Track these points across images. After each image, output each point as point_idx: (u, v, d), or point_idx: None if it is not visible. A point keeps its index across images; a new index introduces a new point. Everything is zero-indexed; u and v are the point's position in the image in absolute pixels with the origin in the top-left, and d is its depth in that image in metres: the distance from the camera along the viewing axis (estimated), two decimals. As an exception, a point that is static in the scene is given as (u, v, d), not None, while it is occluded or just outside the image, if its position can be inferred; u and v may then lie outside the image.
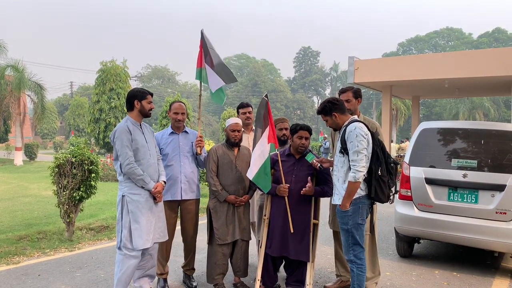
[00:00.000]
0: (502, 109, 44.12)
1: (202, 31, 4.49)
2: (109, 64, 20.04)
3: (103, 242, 6.31)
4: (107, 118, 19.41)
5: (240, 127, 4.29)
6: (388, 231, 7.08)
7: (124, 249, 3.75)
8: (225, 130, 4.34)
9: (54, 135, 47.99)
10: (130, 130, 3.80)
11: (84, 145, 6.53)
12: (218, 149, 4.28)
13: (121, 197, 3.80)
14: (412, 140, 5.67)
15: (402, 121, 35.12)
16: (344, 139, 3.59)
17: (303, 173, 4.08)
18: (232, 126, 4.26)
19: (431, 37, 61.23)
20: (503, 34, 54.35)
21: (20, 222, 8.01)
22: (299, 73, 70.65)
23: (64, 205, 6.20)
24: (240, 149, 4.35)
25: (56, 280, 4.64)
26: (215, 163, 4.24)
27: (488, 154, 5.08)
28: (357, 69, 13.82)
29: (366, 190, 3.61)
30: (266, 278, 4.20)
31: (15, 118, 25.13)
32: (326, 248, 5.95)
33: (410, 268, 5.28)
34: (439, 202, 5.16)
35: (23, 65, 23.99)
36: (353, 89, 4.30)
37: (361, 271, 3.64)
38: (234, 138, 4.24)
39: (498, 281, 4.86)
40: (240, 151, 4.34)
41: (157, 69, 68.98)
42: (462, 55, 14.23)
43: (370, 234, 4.20)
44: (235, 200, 4.20)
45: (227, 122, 4.34)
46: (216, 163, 4.24)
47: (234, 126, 4.26)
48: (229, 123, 4.30)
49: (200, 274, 4.78)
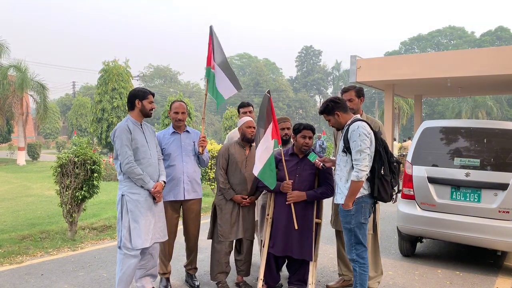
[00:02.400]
0: (505, 107, 44.04)
1: (211, 27, 4.39)
2: (111, 64, 20.08)
3: (106, 242, 6.32)
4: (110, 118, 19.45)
5: (253, 123, 4.32)
6: (391, 230, 7.07)
7: (124, 249, 3.77)
8: (240, 128, 4.32)
9: (56, 135, 48.15)
10: (130, 129, 3.80)
11: (86, 144, 6.54)
12: (230, 147, 4.29)
13: (121, 196, 3.81)
14: (414, 139, 5.65)
15: (405, 120, 35.06)
16: (347, 138, 3.58)
17: (306, 172, 4.08)
18: (248, 123, 4.30)
19: (434, 36, 61.06)
20: (506, 33, 54.18)
21: (23, 221, 8.03)
22: (301, 72, 70.56)
23: (67, 205, 6.22)
24: (251, 149, 4.36)
25: (59, 280, 4.65)
26: (226, 160, 4.25)
27: (491, 153, 5.07)
28: (359, 68, 13.78)
29: (369, 189, 3.61)
30: (268, 277, 4.20)
31: (18, 118, 25.23)
32: (328, 247, 5.94)
33: (413, 267, 5.27)
34: (441, 201, 5.15)
35: (26, 65, 24.12)
36: (356, 88, 4.28)
37: (363, 270, 3.64)
38: (251, 134, 4.27)
39: (501, 280, 4.85)
40: (250, 151, 4.34)
41: (159, 68, 69.01)
42: (464, 54, 14.17)
43: (373, 233, 4.20)
44: (241, 200, 4.20)
45: (241, 121, 4.34)
46: (226, 161, 4.25)
47: (249, 122, 4.31)
48: (244, 121, 4.32)
49: (203, 273, 4.78)
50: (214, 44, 4.37)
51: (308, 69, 70.07)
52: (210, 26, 4.41)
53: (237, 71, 73.12)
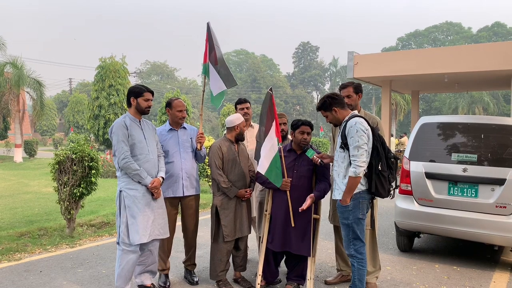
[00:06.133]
0: (502, 103, 44.11)
1: (208, 23, 4.39)
2: (108, 60, 19.97)
3: (104, 239, 6.33)
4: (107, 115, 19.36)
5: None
6: (389, 226, 7.10)
7: (123, 244, 3.78)
8: (237, 127, 4.27)
9: (53, 131, 47.99)
10: (126, 125, 3.82)
11: (84, 141, 6.53)
12: (222, 146, 4.25)
13: (119, 192, 3.83)
14: (412, 134, 5.67)
15: (402, 116, 35.07)
16: (344, 134, 3.59)
17: (304, 168, 4.09)
18: (243, 123, 4.34)
19: (431, 32, 61.10)
20: (503, 28, 54.23)
21: (21, 219, 8.02)
22: (299, 69, 70.49)
23: (65, 202, 6.22)
24: (239, 145, 4.37)
25: (58, 277, 4.65)
26: (221, 159, 4.21)
27: (488, 148, 5.09)
28: (356, 64, 13.78)
29: (367, 185, 3.62)
30: (267, 273, 4.22)
31: (14, 115, 25.12)
32: (326, 242, 5.97)
33: (411, 262, 5.30)
34: (439, 196, 5.18)
35: (22, 62, 23.97)
36: (354, 85, 4.29)
37: (361, 266, 3.66)
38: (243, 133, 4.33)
39: (498, 275, 4.88)
40: (239, 147, 4.35)
41: (156, 65, 68.87)
42: (461, 50, 14.16)
43: (371, 228, 4.21)
44: (244, 194, 4.20)
45: (237, 120, 4.28)
46: (221, 160, 4.21)
47: (244, 122, 4.36)
48: (241, 120, 4.30)
49: (201, 270, 4.79)
50: (210, 41, 4.38)
51: (305, 65, 70.01)
52: (208, 22, 4.41)
53: (234, 67, 72.99)
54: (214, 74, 4.39)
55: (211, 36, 4.38)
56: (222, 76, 4.39)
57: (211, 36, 4.38)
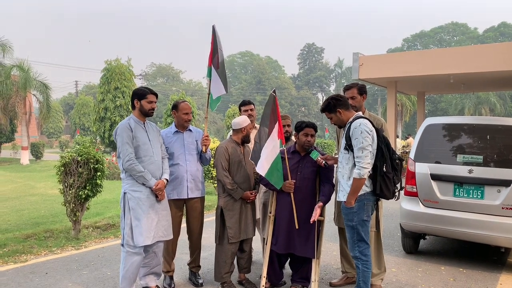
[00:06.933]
0: (508, 104, 43.83)
1: (213, 26, 4.39)
2: (113, 62, 20.08)
3: (109, 240, 6.34)
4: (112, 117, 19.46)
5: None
6: (394, 228, 7.07)
7: (127, 246, 3.79)
8: (244, 129, 4.28)
9: (59, 134, 48.26)
10: (131, 127, 3.84)
11: (89, 143, 6.57)
12: (228, 147, 4.25)
13: (123, 194, 3.84)
14: (417, 136, 5.64)
15: (408, 117, 34.90)
16: (348, 135, 3.58)
17: (308, 170, 4.08)
18: (250, 125, 4.35)
19: (436, 32, 60.83)
20: (509, 29, 53.86)
21: (27, 220, 8.07)
22: (304, 70, 70.44)
23: (71, 204, 6.25)
24: (245, 147, 4.37)
25: (63, 278, 4.67)
26: (227, 161, 4.21)
27: (494, 150, 5.05)
28: (361, 65, 13.74)
29: (371, 186, 3.61)
30: (271, 274, 4.22)
31: (21, 118, 25.34)
32: (331, 244, 5.95)
33: (416, 264, 5.27)
34: (444, 198, 5.14)
35: (29, 64, 24.17)
36: (358, 86, 4.28)
37: (366, 268, 3.64)
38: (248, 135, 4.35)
39: (504, 277, 4.84)
40: (245, 149, 4.35)
41: (161, 67, 69.10)
42: (467, 50, 14.08)
43: (376, 230, 4.19)
44: (249, 196, 4.20)
45: (244, 122, 4.29)
46: (228, 161, 4.21)
47: (250, 124, 4.37)
48: (247, 123, 4.30)
49: (206, 271, 4.80)
50: (215, 44, 4.39)
51: (310, 67, 69.94)
52: (213, 25, 4.40)
53: (239, 69, 73.16)
54: (215, 78, 4.41)
55: (215, 39, 4.39)
56: (222, 81, 4.41)
57: (216, 39, 4.39)
